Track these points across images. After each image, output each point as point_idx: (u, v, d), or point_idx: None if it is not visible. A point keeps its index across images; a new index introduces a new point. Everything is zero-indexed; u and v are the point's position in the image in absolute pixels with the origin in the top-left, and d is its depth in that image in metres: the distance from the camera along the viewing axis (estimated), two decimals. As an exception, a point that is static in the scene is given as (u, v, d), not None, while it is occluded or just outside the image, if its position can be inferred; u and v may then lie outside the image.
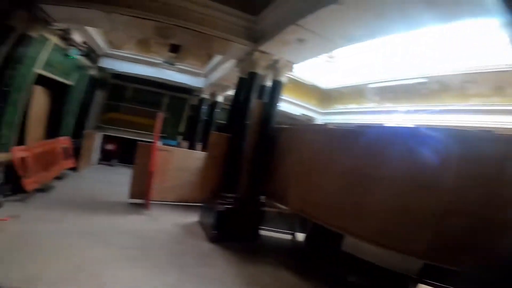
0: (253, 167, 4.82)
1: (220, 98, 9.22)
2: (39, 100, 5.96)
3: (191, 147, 9.00)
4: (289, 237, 5.23)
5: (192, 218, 5.38)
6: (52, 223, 4.02)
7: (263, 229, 4.95)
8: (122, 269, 3.14)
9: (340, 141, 3.65)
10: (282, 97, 9.93)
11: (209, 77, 8.43)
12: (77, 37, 6.25)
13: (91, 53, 7.44)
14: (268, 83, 5.48)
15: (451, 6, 2.74)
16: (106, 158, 9.71)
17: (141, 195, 5.73)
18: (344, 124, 7.19)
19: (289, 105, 10.25)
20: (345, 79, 9.89)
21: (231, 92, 9.10)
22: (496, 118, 6.49)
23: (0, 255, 2.86)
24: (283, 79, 5.04)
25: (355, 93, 9.90)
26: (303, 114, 10.87)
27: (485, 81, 6.75)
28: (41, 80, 5.58)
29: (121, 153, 9.89)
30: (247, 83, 4.84)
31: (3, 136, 4.58)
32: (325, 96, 11.06)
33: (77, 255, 3.21)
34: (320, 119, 11.38)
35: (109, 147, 9.54)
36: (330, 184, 3.60)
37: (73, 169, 7.19)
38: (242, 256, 4.05)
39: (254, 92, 4.77)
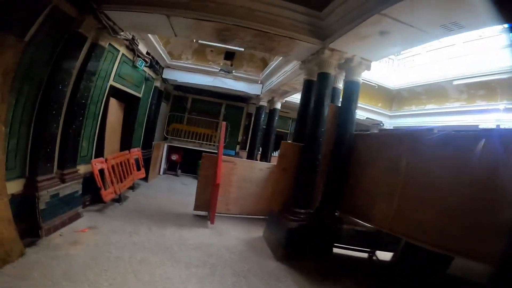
0: (328, 179, 4.28)
1: (278, 105, 8.88)
2: (114, 113, 6.32)
3: (250, 156, 8.82)
4: (365, 255, 4.53)
5: (256, 232, 5.08)
6: (126, 235, 4.11)
7: (336, 247, 4.36)
8: (190, 292, 2.92)
9: (458, 148, 2.88)
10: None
11: (266, 83, 8.17)
12: (141, 47, 6.39)
13: (155, 65, 7.72)
14: (339, 85, 4.93)
15: None
16: (171, 168, 10.21)
17: (205, 207, 5.69)
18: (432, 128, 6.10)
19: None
20: (418, 77, 8.60)
21: (289, 98, 8.70)
22: None
23: (75, 271, 2.90)
24: (359, 79, 4.41)
25: (433, 92, 8.51)
26: (368, 118, 9.84)
27: None
28: (113, 93, 5.79)
29: (184, 163, 10.29)
30: (318, 85, 4.34)
31: (83, 149, 4.81)
32: (394, 97, 9.84)
33: (147, 272, 3.12)
34: (388, 123, 10.16)
35: (174, 157, 10.00)
36: (444, 200, 2.89)
37: (144, 179, 7.62)
38: (314, 277, 3.58)
39: (327, 95, 4.24)
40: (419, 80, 8.58)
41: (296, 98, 8.83)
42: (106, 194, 5.00)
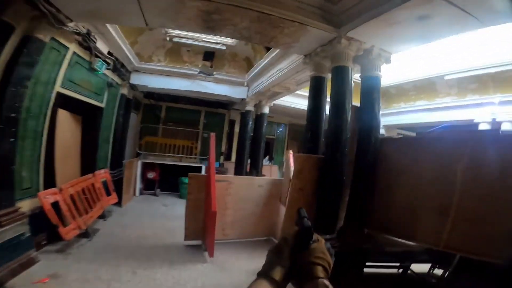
0: (352, 194, 3.50)
1: (266, 109, 8.06)
2: (67, 128, 4.96)
3: (239, 167, 7.86)
4: (395, 271, 3.87)
5: (264, 258, 4.13)
6: (102, 285, 3.03)
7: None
8: None
9: None
10: (326, 99, 8.79)
11: (254, 85, 7.31)
12: (101, 46, 5.14)
13: (120, 68, 6.45)
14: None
15: None
16: (148, 186, 8.84)
17: (198, 236, 4.67)
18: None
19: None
20: (407, 73, 8.34)
21: (278, 101, 7.95)
22: None
23: None
24: (379, 73, 3.74)
25: (422, 87, 8.29)
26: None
27: None
28: (63, 102, 4.50)
29: (163, 180, 8.99)
30: (335, 82, 3.55)
31: (24, 180, 3.57)
32: (382, 95, 9.50)
33: None
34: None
35: (150, 175, 8.68)
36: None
37: (117, 204, 6.32)
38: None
39: (348, 94, 3.49)
40: (408, 77, 8.32)
41: (285, 100, 8.11)
42: (67, 231, 3.83)
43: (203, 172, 8.72)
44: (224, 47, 7.02)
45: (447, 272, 3.27)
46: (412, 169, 3.24)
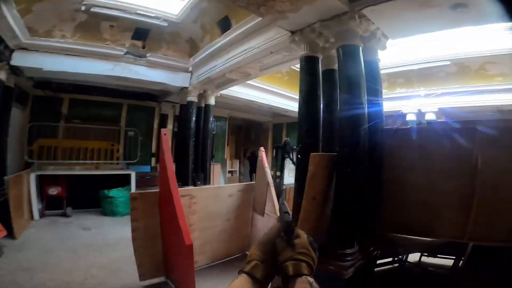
0: (371, 195, 3.03)
1: (212, 100, 6.92)
2: None
3: (183, 172, 6.49)
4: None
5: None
6: None
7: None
8: None
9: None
10: (276, 90, 8.39)
11: (201, 70, 6.01)
12: None
13: None
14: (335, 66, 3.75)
15: None
16: (52, 205, 6.24)
17: (161, 271, 3.46)
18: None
19: (284, 100, 8.65)
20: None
21: (226, 92, 6.96)
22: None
23: None
24: (378, 58, 3.36)
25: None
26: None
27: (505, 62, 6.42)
28: None
29: (74, 195, 6.59)
30: (344, 64, 2.94)
31: None
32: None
33: None
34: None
35: (53, 191, 6.18)
36: None
37: (8, 236, 4.18)
38: None
39: (361, 77, 2.93)
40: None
41: (234, 91, 7.21)
42: None
43: (133, 182, 6.95)
44: (165, 23, 5.46)
45: (460, 262, 3.21)
46: (424, 164, 3.01)
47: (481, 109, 7.29)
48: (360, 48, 3.00)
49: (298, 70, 8.46)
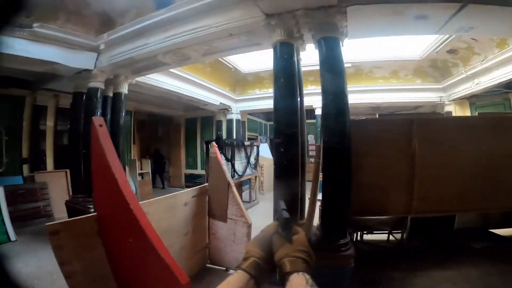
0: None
1: (125, 88, 5.54)
2: None
3: (77, 178, 4.92)
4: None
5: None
6: None
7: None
8: None
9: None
10: (199, 81, 7.75)
11: (118, 50, 4.62)
12: None
13: None
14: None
15: None
16: None
17: None
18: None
19: (206, 92, 8.18)
20: (263, 62, 8.99)
21: (142, 79, 5.82)
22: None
23: None
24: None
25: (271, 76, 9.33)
26: (221, 103, 9.10)
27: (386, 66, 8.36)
28: None
29: None
30: (325, 50, 2.89)
31: None
32: (239, 81, 9.71)
33: None
34: (234, 107, 10.02)
35: None
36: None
37: None
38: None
39: (342, 67, 2.95)
40: (264, 66, 8.99)
41: (152, 78, 6.11)
42: None
43: (2, 201, 4.82)
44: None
45: (402, 236, 3.86)
46: (376, 149, 3.41)
47: (361, 105, 9.28)
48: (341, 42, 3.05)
49: (223, 62, 8.07)
